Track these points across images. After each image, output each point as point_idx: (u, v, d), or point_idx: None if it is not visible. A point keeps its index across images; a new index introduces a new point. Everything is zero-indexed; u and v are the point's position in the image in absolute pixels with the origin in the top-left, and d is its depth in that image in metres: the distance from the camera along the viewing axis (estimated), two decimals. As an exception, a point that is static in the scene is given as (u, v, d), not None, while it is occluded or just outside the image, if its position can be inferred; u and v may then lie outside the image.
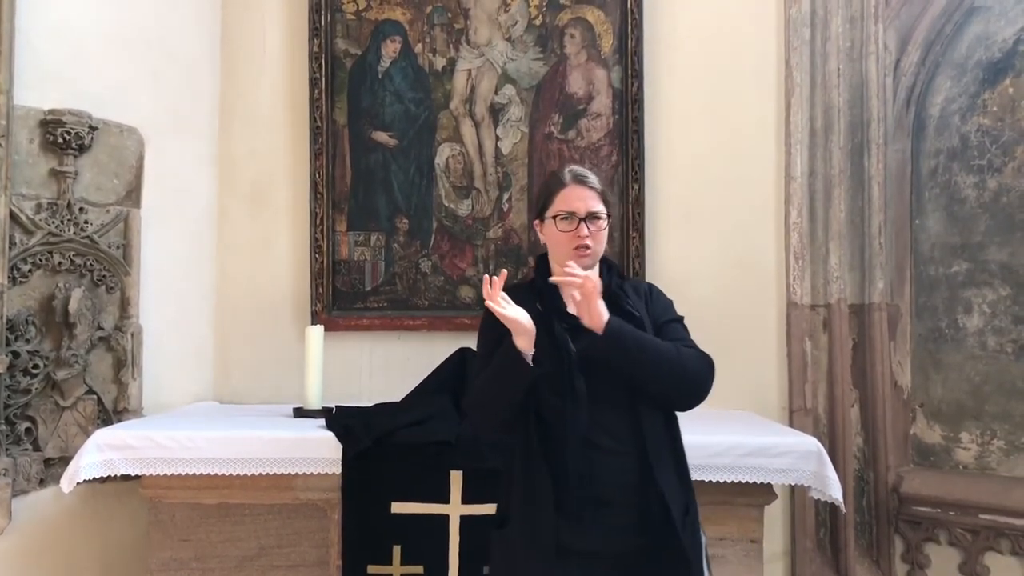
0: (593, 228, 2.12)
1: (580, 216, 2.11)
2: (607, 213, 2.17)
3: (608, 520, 2.02)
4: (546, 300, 2.15)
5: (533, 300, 2.16)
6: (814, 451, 2.69)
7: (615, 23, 3.61)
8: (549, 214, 2.16)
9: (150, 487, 2.83)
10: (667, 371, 2.05)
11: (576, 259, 2.10)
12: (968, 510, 3.29)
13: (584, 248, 2.10)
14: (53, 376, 3.06)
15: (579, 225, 2.10)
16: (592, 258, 2.14)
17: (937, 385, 3.50)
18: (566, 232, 2.11)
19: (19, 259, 2.99)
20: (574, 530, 2.00)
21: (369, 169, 3.65)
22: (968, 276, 3.42)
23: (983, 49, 3.44)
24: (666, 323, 2.19)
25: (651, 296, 2.24)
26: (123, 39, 3.30)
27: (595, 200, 2.14)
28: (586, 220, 2.11)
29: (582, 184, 2.15)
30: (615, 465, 2.02)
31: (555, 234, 2.14)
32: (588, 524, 2.00)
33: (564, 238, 2.12)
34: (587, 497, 2.01)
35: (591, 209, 2.12)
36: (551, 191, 2.18)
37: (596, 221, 2.13)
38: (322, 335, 3.25)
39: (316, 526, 2.86)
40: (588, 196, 2.14)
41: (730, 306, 3.53)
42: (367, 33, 3.66)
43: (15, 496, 2.91)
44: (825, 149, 3.55)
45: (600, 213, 2.14)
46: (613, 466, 2.02)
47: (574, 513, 2.00)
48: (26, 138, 3.02)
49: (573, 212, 2.11)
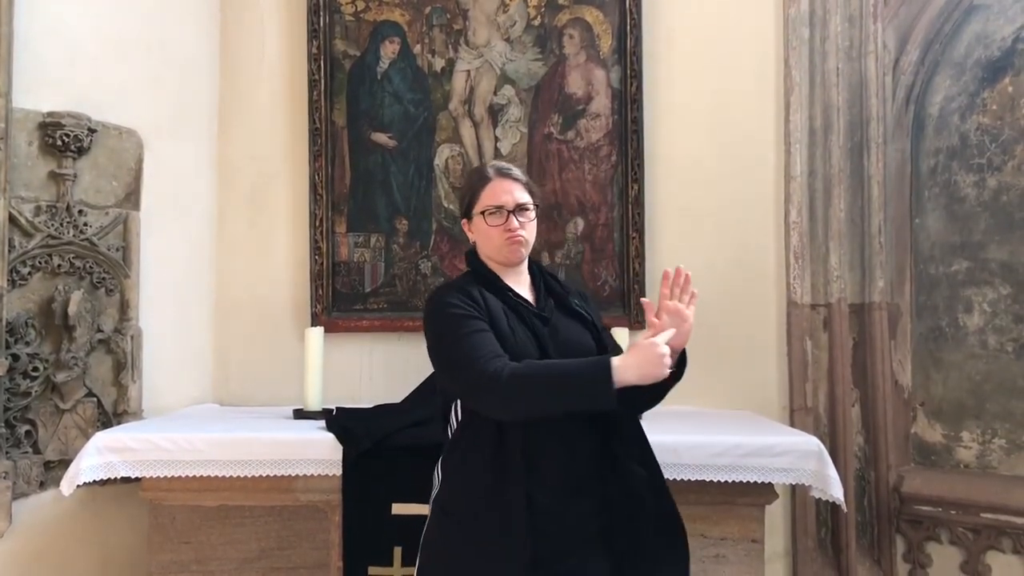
0: (523, 219, 2.12)
1: (508, 209, 2.10)
2: (535, 203, 2.17)
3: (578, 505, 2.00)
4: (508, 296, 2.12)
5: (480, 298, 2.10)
6: (815, 450, 2.68)
7: (614, 23, 3.61)
8: (476, 210, 2.15)
9: (150, 489, 2.83)
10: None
11: (510, 251, 2.11)
12: (969, 509, 3.29)
13: (517, 238, 2.11)
14: (53, 379, 3.05)
15: (508, 218, 2.10)
16: (526, 248, 2.15)
17: (938, 384, 3.50)
18: (496, 226, 2.11)
19: (18, 262, 2.98)
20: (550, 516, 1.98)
21: (368, 170, 3.65)
22: (968, 275, 3.42)
23: (982, 48, 3.44)
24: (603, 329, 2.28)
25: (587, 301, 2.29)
26: (122, 41, 3.30)
27: (522, 191, 2.14)
28: (515, 212, 2.11)
29: (506, 177, 2.15)
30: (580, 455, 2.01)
31: (485, 229, 2.13)
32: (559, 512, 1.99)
33: (495, 232, 2.11)
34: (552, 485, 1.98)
35: (519, 201, 2.12)
36: (475, 188, 2.17)
37: (525, 212, 2.13)
38: (322, 337, 3.25)
39: (317, 528, 2.86)
40: (514, 188, 2.14)
41: (730, 306, 3.53)
42: (366, 34, 3.66)
43: (15, 499, 2.91)
44: (824, 148, 3.55)
45: (528, 204, 2.14)
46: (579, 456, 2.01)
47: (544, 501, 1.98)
48: (25, 140, 3.02)
49: (501, 206, 2.11)
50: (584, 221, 3.59)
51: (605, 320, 2.56)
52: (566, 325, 2.14)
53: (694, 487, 2.68)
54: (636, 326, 3.45)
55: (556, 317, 2.14)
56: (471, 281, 2.15)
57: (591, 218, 3.60)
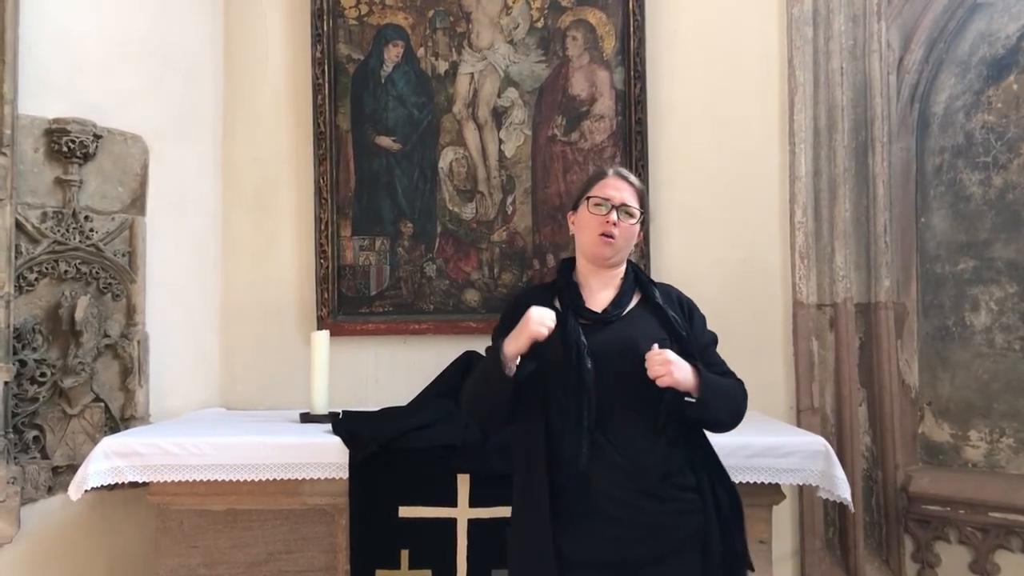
0: (623, 221, 2.13)
1: (614, 204, 2.12)
2: (641, 211, 2.18)
3: (604, 531, 2.00)
4: (565, 297, 2.15)
5: (551, 299, 2.16)
6: (822, 451, 2.68)
7: (617, 24, 3.61)
8: (584, 197, 2.17)
9: (158, 494, 2.84)
10: (730, 409, 2.11)
11: (599, 246, 2.12)
12: (978, 508, 3.28)
13: (609, 236, 2.11)
14: (60, 384, 3.07)
15: (610, 212, 2.11)
16: (615, 250, 2.14)
17: (945, 383, 3.49)
18: (596, 216, 2.12)
19: (25, 268, 3.00)
20: (571, 538, 1.99)
21: (373, 174, 3.65)
22: (975, 274, 3.41)
23: (987, 46, 3.43)
24: (708, 345, 2.21)
25: (692, 311, 2.23)
26: (126, 48, 3.31)
27: (632, 195, 2.16)
28: (618, 210, 2.12)
29: (623, 179, 2.18)
30: (611, 476, 1.99)
31: (585, 216, 2.15)
32: (585, 533, 1.99)
33: (593, 220, 2.13)
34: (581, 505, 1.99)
35: (625, 200, 2.14)
36: (591, 181, 2.21)
37: (627, 216, 2.14)
38: (328, 340, 3.25)
39: (324, 531, 2.86)
40: (625, 189, 2.16)
41: (736, 306, 3.52)
42: (369, 38, 3.67)
43: (24, 504, 2.92)
44: (829, 148, 3.55)
45: (633, 209, 2.15)
46: (609, 477, 1.99)
47: (571, 521, 1.99)
48: (31, 147, 3.03)
49: (607, 199, 2.12)
50: (589, 223, 3.59)
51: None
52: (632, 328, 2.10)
53: (701, 488, 2.68)
54: (642, 327, 3.45)
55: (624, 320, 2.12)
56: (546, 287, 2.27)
57: (596, 219, 3.59)
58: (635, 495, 1.99)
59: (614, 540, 1.99)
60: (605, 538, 1.99)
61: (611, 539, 1.99)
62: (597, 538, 2.00)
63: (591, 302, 2.14)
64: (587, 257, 2.18)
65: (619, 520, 1.99)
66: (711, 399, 2.01)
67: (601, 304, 2.14)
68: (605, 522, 1.99)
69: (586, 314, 2.11)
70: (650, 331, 2.08)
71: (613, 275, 2.19)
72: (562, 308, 2.11)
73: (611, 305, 2.14)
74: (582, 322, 2.08)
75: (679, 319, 2.14)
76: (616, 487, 1.99)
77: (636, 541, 1.99)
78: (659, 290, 2.21)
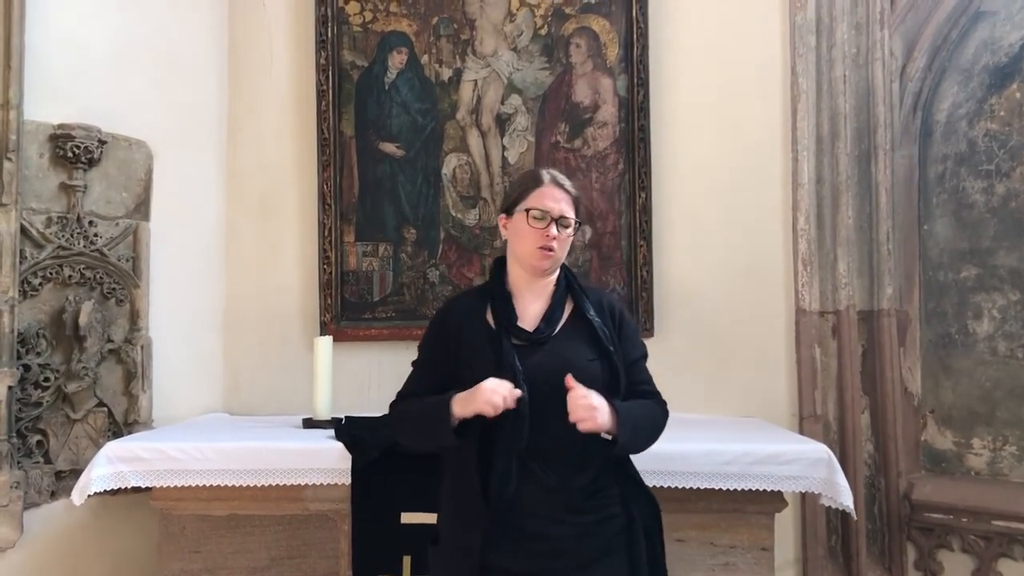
0: (561, 233, 2.12)
1: (553, 216, 2.10)
2: (578, 222, 2.17)
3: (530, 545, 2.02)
4: (498, 312, 2.13)
5: (484, 307, 2.15)
6: (824, 458, 2.68)
7: (620, 32, 3.62)
8: (521, 207, 2.14)
9: (160, 499, 2.84)
10: (648, 438, 2.13)
11: (538, 259, 2.12)
12: (981, 516, 3.27)
13: (548, 250, 2.10)
14: (64, 389, 3.07)
15: (549, 225, 2.10)
16: (553, 262, 2.14)
17: (948, 391, 3.49)
18: (536, 229, 2.10)
19: (30, 273, 3.01)
20: (497, 550, 2.00)
21: (376, 180, 3.66)
22: (977, 281, 3.41)
23: (989, 54, 3.44)
24: (636, 361, 2.20)
25: (621, 323, 2.20)
26: (131, 54, 3.32)
27: (569, 206, 2.14)
28: (557, 223, 2.11)
29: (560, 187, 2.15)
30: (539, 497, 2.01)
31: (524, 228, 2.13)
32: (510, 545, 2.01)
33: (532, 234, 2.11)
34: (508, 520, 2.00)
35: (564, 213, 2.12)
36: (527, 186, 2.17)
37: (565, 228, 2.13)
38: (331, 346, 3.25)
39: (326, 537, 2.86)
40: (563, 199, 2.14)
41: (738, 313, 3.53)
42: (373, 45, 3.68)
43: (27, 509, 2.93)
44: (832, 155, 3.55)
45: (570, 220, 2.14)
46: (538, 498, 2.01)
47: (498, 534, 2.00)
48: (36, 152, 3.04)
49: (547, 211, 2.10)
50: (592, 229, 3.60)
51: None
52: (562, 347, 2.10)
53: (703, 495, 2.68)
54: (644, 334, 3.44)
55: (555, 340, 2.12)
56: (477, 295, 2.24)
57: (599, 226, 3.60)
58: (562, 511, 2.02)
59: (540, 552, 2.02)
60: (531, 551, 2.02)
61: (537, 552, 2.02)
62: (523, 551, 2.01)
63: (523, 317, 2.13)
64: (524, 267, 2.17)
65: (545, 535, 2.02)
66: (630, 439, 2.02)
67: (533, 319, 2.13)
68: (531, 537, 2.01)
69: (519, 334, 2.10)
70: (581, 351, 2.09)
71: (546, 283, 2.18)
72: (496, 326, 2.11)
73: (543, 322, 2.13)
74: (515, 343, 2.08)
75: (608, 332, 2.13)
76: (543, 505, 2.01)
77: (563, 551, 2.02)
78: (591, 298, 2.19)
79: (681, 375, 3.44)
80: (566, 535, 2.02)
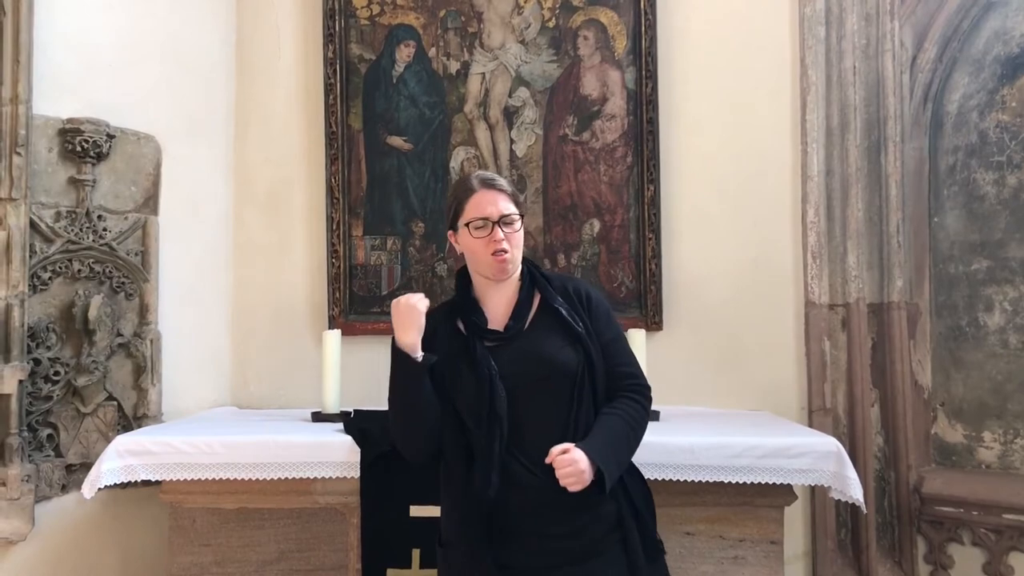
0: (508, 231, 2.10)
1: (493, 220, 2.09)
2: (520, 214, 2.15)
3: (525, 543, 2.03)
4: (467, 318, 2.14)
5: (454, 319, 2.16)
6: (833, 451, 2.67)
7: (629, 24, 3.60)
8: (462, 222, 2.13)
9: (170, 492, 2.85)
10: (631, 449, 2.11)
11: (496, 267, 2.10)
12: (991, 510, 3.26)
13: (502, 253, 2.09)
14: (74, 383, 3.08)
15: (493, 229, 2.08)
16: (512, 263, 2.13)
17: (958, 384, 3.47)
18: (481, 238, 2.09)
19: (39, 267, 3.02)
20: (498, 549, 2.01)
21: (384, 173, 3.66)
22: (988, 274, 3.39)
23: (1001, 44, 3.41)
24: (611, 341, 2.17)
25: (590, 304, 2.18)
26: (139, 48, 3.33)
27: (507, 202, 2.12)
28: (500, 224, 2.09)
29: (491, 188, 2.13)
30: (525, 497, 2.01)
31: (471, 242, 2.12)
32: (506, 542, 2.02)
33: (480, 245, 2.10)
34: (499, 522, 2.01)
35: (503, 212, 2.10)
36: (460, 199, 2.15)
37: (510, 224, 2.11)
38: (339, 339, 3.26)
39: (335, 530, 2.87)
40: (499, 199, 2.12)
41: (748, 306, 3.52)
42: (381, 38, 3.68)
43: (38, 502, 2.94)
44: (842, 147, 3.53)
45: (513, 216, 2.12)
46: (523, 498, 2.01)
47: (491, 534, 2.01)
48: (45, 147, 3.05)
49: (486, 217, 2.09)
50: (600, 222, 3.59)
51: (622, 321, 2.52)
52: (534, 340, 2.11)
53: (712, 488, 2.68)
54: (653, 327, 3.45)
55: (527, 334, 2.12)
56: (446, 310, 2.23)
57: (607, 219, 3.59)
58: (552, 508, 2.01)
59: (535, 550, 2.02)
60: (526, 548, 2.03)
61: (533, 550, 2.02)
62: (518, 548, 2.03)
63: (493, 319, 2.13)
64: (485, 276, 2.16)
65: (538, 532, 2.02)
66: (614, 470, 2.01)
67: (502, 319, 2.14)
68: (525, 536, 2.02)
69: (489, 335, 2.10)
70: (553, 340, 2.09)
71: (511, 282, 2.18)
72: (466, 332, 2.11)
73: (511, 319, 2.13)
74: (488, 344, 2.08)
75: (578, 318, 2.12)
76: (531, 504, 2.02)
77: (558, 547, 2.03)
78: (555, 286, 2.18)
79: (690, 368, 3.45)
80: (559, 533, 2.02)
